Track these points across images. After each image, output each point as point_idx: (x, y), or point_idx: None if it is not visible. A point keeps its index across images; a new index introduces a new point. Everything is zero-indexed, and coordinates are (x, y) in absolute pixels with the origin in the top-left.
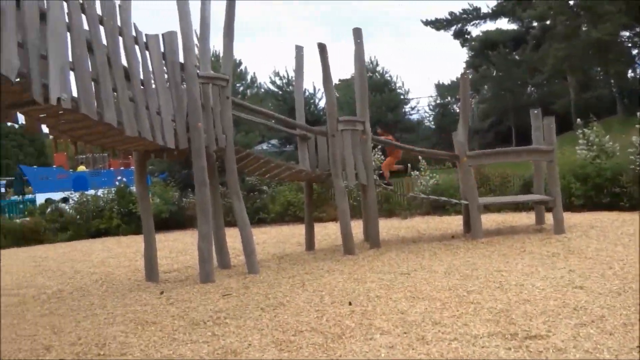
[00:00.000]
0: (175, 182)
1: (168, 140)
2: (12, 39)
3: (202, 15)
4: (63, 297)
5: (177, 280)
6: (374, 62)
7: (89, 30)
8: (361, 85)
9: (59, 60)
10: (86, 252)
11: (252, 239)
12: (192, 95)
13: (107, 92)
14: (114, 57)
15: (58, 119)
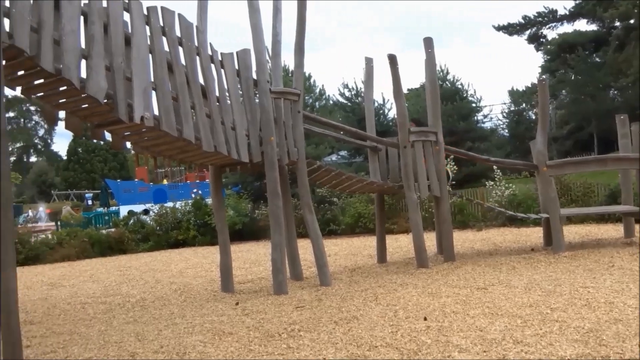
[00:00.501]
0: (248, 194)
1: (242, 154)
2: (100, 64)
3: (273, 32)
4: (146, 305)
5: (251, 291)
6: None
7: (169, 52)
8: (433, 95)
9: (142, 81)
10: (166, 262)
11: (324, 251)
12: (265, 110)
13: (185, 110)
14: (192, 76)
15: (141, 136)
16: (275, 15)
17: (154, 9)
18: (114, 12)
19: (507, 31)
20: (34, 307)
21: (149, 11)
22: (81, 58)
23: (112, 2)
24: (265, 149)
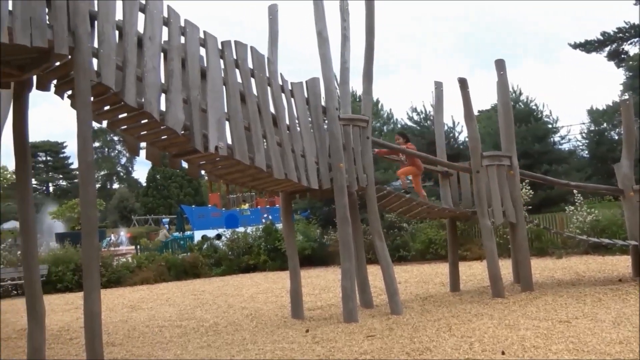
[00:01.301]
0: (317, 219)
1: (312, 181)
2: (178, 97)
3: (342, 60)
4: (219, 330)
5: (321, 318)
6: (517, 90)
7: (242, 83)
8: (506, 118)
9: (217, 112)
10: (237, 286)
11: (395, 278)
12: (334, 136)
13: (257, 139)
14: (264, 106)
15: (215, 164)
16: (344, 43)
17: (228, 43)
18: (192, 48)
19: (584, 49)
20: (115, 329)
21: (224, 45)
22: (161, 92)
23: (190, 39)
24: (335, 175)
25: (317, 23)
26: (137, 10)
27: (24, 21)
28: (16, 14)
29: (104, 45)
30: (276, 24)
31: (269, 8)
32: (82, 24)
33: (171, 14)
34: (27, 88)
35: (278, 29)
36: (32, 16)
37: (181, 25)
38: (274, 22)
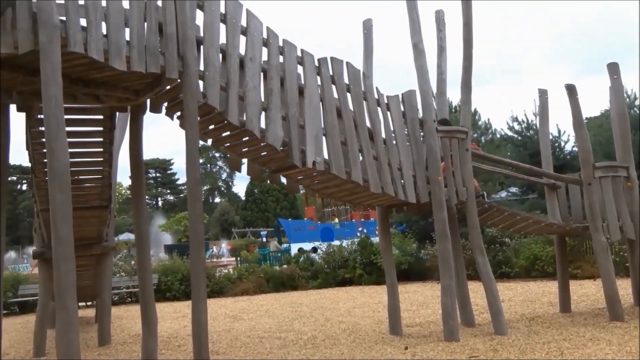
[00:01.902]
0: (413, 233)
1: (409, 195)
2: (277, 115)
3: (438, 72)
4: (317, 344)
5: (420, 335)
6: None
7: (339, 98)
8: (621, 125)
9: (314, 128)
10: (334, 299)
11: (498, 296)
12: (432, 149)
13: (354, 153)
14: (360, 120)
15: (312, 179)
16: (440, 54)
17: (324, 60)
18: (290, 67)
19: None
20: (218, 338)
21: (320, 62)
22: (261, 110)
23: (288, 57)
24: (433, 189)
25: (412, 36)
26: (239, 34)
27: (139, 50)
28: (133, 44)
29: (209, 68)
30: (371, 39)
31: (364, 23)
32: (190, 49)
33: (270, 35)
34: (141, 111)
35: (373, 44)
36: (147, 45)
37: (280, 45)
38: (369, 37)
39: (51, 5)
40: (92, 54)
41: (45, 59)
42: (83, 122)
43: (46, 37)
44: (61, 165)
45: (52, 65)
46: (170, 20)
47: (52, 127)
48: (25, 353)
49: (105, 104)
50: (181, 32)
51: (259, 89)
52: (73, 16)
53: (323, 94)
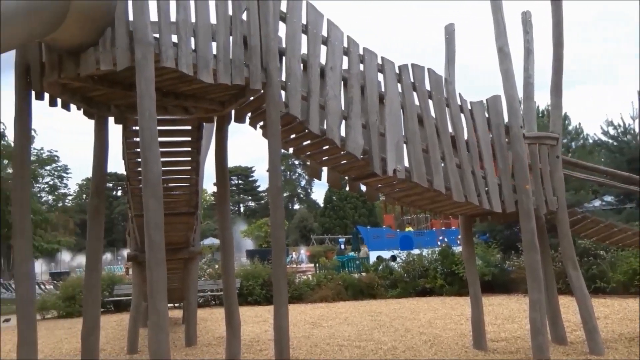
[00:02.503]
0: (497, 243)
1: (494, 204)
2: (358, 123)
3: (525, 75)
4: (397, 354)
5: (506, 351)
6: None
7: (420, 105)
8: None
9: (395, 136)
10: (414, 310)
11: (593, 313)
12: (519, 156)
13: (436, 161)
14: (442, 127)
15: (393, 187)
16: (527, 57)
17: (405, 66)
18: (370, 74)
19: None
20: (299, 344)
21: (401, 69)
22: (342, 119)
23: (368, 66)
24: (520, 197)
25: (497, 39)
26: (320, 44)
27: (225, 63)
28: (219, 57)
29: (291, 78)
30: (453, 44)
31: (446, 28)
32: (272, 61)
33: (351, 43)
34: (226, 121)
35: (455, 49)
36: (232, 58)
37: (360, 53)
38: (451, 42)
39: (146, 24)
40: (183, 68)
41: (141, 75)
42: (173, 133)
43: (141, 54)
44: (154, 174)
45: (147, 80)
46: (254, 33)
47: (146, 138)
48: (120, 350)
49: (193, 115)
50: (265, 44)
51: (339, 97)
52: (165, 33)
53: (404, 101)
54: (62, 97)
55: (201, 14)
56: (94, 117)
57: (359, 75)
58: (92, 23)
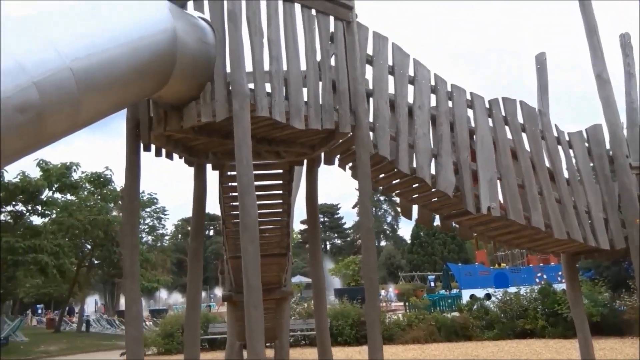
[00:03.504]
0: (604, 280)
1: (601, 240)
2: (448, 160)
3: (627, 100)
4: None
5: None
6: None
7: (513, 139)
8: None
9: (487, 172)
10: (514, 353)
11: None
12: (626, 188)
13: (533, 196)
14: (538, 161)
15: (487, 226)
16: (629, 80)
17: (495, 101)
18: (459, 111)
19: None
20: None
21: (491, 103)
22: (432, 157)
23: (457, 102)
24: (630, 233)
25: (595, 65)
26: (407, 83)
27: (316, 109)
28: (310, 104)
29: (379, 119)
30: (545, 73)
31: (536, 57)
32: (361, 103)
33: (438, 81)
34: (317, 164)
35: (547, 78)
36: (322, 103)
37: (448, 90)
38: (543, 71)
39: (242, 76)
40: (276, 116)
41: (238, 125)
42: (265, 177)
43: (239, 105)
44: (251, 218)
45: (244, 130)
46: (343, 78)
47: (244, 184)
48: None
49: (284, 159)
50: (353, 88)
51: (428, 135)
52: (260, 84)
53: (496, 135)
54: (166, 148)
55: (292, 63)
56: (193, 165)
57: (447, 112)
58: (194, 79)
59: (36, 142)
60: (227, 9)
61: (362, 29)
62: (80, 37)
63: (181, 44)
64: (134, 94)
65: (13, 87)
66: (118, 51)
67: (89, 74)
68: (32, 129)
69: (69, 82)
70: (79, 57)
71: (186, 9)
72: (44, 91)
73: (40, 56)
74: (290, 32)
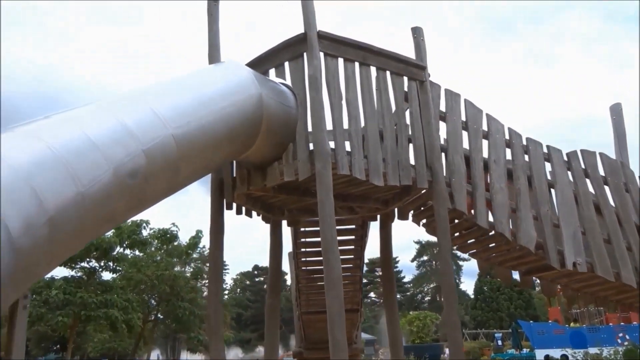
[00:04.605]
0: None
1: None
2: (528, 214)
3: None
4: None
5: None
6: None
7: (595, 192)
8: None
9: (570, 226)
10: None
11: None
12: None
13: (621, 251)
14: (624, 215)
15: (571, 277)
16: None
17: (574, 153)
18: (537, 164)
19: None
20: None
21: (569, 156)
22: (510, 211)
23: (533, 155)
24: None
25: None
26: (481, 138)
27: (393, 166)
28: (387, 161)
29: (455, 174)
30: (622, 124)
31: (611, 108)
32: (437, 159)
33: (513, 135)
34: (390, 219)
35: (625, 129)
36: (399, 160)
37: (523, 144)
38: (620, 123)
39: (324, 137)
40: (356, 174)
41: (321, 183)
42: (340, 232)
43: (321, 165)
44: (336, 275)
45: (326, 188)
46: (418, 135)
47: (327, 240)
48: None
49: (358, 215)
50: (428, 144)
51: (505, 190)
52: (340, 143)
53: (577, 189)
54: (246, 206)
55: (370, 122)
56: (269, 222)
57: (524, 166)
58: (277, 140)
59: (140, 204)
60: (308, 74)
61: (434, 87)
62: (179, 107)
63: (266, 108)
64: (225, 156)
65: (126, 154)
66: (212, 118)
67: (188, 140)
68: (139, 192)
69: (171, 148)
70: (180, 125)
71: (268, 76)
72: (151, 157)
73: (148, 125)
74: (367, 93)
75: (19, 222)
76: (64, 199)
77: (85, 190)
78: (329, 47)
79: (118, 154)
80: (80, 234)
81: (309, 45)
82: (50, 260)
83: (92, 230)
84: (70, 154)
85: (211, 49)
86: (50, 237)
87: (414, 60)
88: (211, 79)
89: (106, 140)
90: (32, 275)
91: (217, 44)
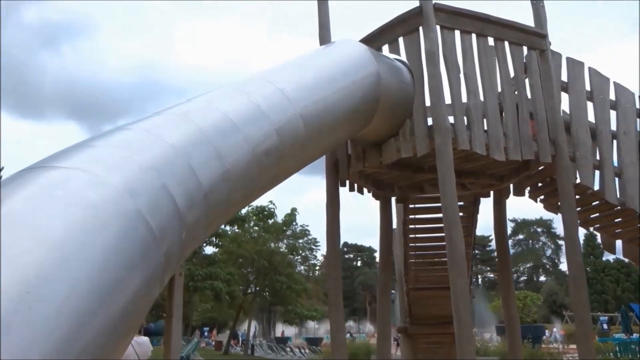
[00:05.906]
0: None
1: None
2: None
3: None
4: None
5: None
6: None
7: None
8: None
9: None
10: None
11: None
12: None
13: None
14: None
15: None
16: None
17: None
18: None
19: None
20: None
21: None
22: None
23: None
24: None
25: None
26: (608, 109)
27: (515, 140)
28: (508, 135)
29: (580, 148)
30: None
31: None
32: (561, 132)
33: None
34: (505, 195)
35: None
36: (521, 134)
37: None
38: None
39: (443, 112)
40: (477, 149)
41: (441, 160)
42: None
43: (441, 140)
44: (459, 252)
45: (447, 164)
46: (540, 108)
47: (450, 217)
48: None
49: (470, 191)
50: (551, 117)
51: (637, 164)
52: (459, 118)
53: None
54: (358, 183)
55: (489, 96)
56: (379, 198)
57: None
58: (394, 117)
59: (272, 182)
60: (425, 49)
61: (555, 55)
62: (304, 87)
63: (383, 85)
64: (346, 134)
65: (261, 134)
66: (335, 96)
67: (314, 119)
68: (273, 170)
69: (299, 127)
70: (307, 105)
71: (382, 52)
72: (282, 136)
73: (277, 105)
74: (485, 65)
75: (185, 199)
76: (215, 176)
77: (231, 168)
78: (445, 20)
79: (255, 134)
80: (226, 210)
81: (425, 18)
82: (203, 236)
83: (236, 206)
84: (217, 134)
85: (321, 30)
86: (207, 213)
87: (533, 29)
88: (330, 57)
89: (245, 121)
90: (190, 249)
91: (327, 24)
